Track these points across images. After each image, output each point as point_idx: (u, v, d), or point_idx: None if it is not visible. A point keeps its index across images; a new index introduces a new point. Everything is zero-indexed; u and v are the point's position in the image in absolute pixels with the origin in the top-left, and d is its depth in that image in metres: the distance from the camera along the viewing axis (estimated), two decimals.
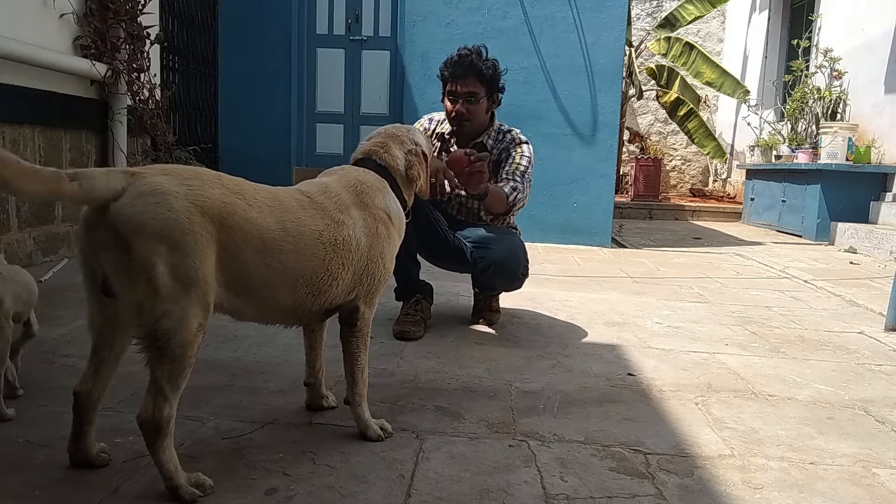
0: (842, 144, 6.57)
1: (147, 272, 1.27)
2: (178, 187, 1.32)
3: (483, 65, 2.68)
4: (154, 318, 1.29)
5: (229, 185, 1.43)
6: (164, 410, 1.33)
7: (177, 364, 1.32)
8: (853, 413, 2.05)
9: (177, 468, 1.37)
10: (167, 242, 1.28)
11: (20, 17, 3.54)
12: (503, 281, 2.80)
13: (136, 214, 1.27)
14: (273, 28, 5.87)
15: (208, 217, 1.34)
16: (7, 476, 1.44)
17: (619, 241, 6.10)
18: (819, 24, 7.87)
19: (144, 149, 4.63)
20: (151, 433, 1.33)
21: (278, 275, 1.47)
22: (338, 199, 1.63)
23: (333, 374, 2.13)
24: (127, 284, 1.29)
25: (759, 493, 1.52)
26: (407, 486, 1.47)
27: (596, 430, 1.82)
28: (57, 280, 3.42)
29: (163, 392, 1.33)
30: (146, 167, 1.38)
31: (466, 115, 2.71)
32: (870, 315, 3.41)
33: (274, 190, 1.55)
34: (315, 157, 6.15)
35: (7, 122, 3.47)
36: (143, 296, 1.28)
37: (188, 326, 1.32)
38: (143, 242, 1.26)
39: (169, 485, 1.36)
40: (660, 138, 10.71)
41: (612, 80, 5.70)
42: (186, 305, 1.31)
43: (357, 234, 1.63)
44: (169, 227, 1.28)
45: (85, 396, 1.44)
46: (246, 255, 1.41)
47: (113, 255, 1.28)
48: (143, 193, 1.29)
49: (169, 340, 1.30)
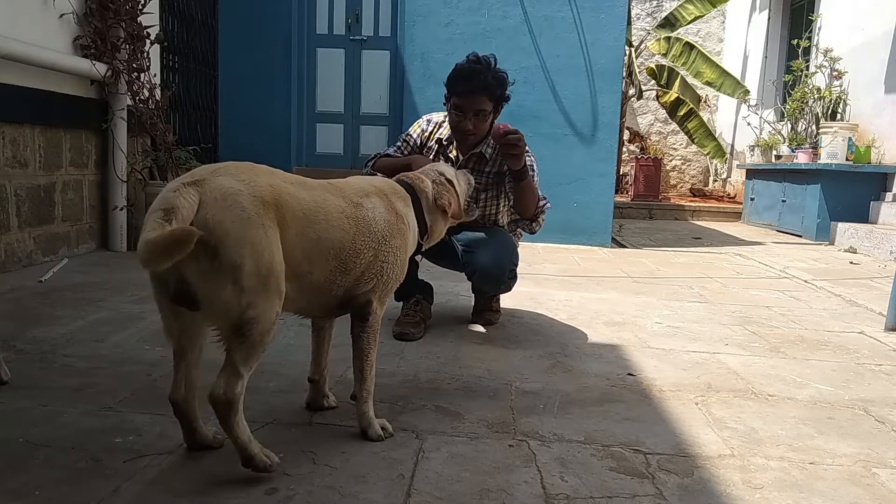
0: (842, 144, 6.57)
1: (234, 273, 1.34)
2: (239, 185, 1.40)
3: (493, 81, 2.60)
4: (240, 312, 1.37)
5: (265, 170, 1.51)
6: (236, 388, 1.40)
7: (254, 349, 1.41)
8: (853, 413, 2.05)
9: (250, 440, 1.45)
10: (249, 242, 1.36)
11: (20, 17, 3.54)
12: (490, 286, 2.80)
13: (219, 223, 1.33)
14: (273, 28, 5.87)
15: (268, 205, 1.42)
16: (7, 476, 1.44)
17: (619, 240, 6.11)
18: (819, 24, 7.87)
19: (144, 149, 4.63)
20: (224, 409, 1.40)
21: (315, 246, 1.54)
22: (358, 187, 1.73)
23: (333, 375, 2.13)
24: (216, 287, 1.35)
25: (759, 492, 1.52)
26: (407, 485, 1.47)
27: (596, 430, 1.82)
28: (57, 280, 3.42)
29: (237, 371, 1.40)
30: (197, 171, 1.43)
31: (473, 132, 2.67)
32: (870, 315, 3.41)
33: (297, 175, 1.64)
34: (315, 157, 6.15)
35: (7, 121, 3.47)
36: (230, 295, 1.35)
37: (269, 315, 1.41)
38: (230, 246, 1.34)
39: (244, 455, 1.44)
40: (660, 138, 10.71)
41: (612, 80, 5.70)
42: (266, 296, 1.39)
43: (376, 217, 1.70)
44: (247, 227, 1.36)
45: (183, 402, 1.51)
46: (294, 229, 1.48)
47: (202, 264, 1.33)
48: (217, 199, 1.35)
49: (252, 330, 1.39)
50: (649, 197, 9.34)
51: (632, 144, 10.29)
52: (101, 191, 4.33)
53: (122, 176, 4.32)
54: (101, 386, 1.97)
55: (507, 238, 2.83)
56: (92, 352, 2.28)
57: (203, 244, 1.31)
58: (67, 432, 1.65)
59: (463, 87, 2.60)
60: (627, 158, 9.99)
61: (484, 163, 2.75)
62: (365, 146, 6.12)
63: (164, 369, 2.15)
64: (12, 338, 2.38)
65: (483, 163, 2.75)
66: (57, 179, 3.92)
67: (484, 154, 2.75)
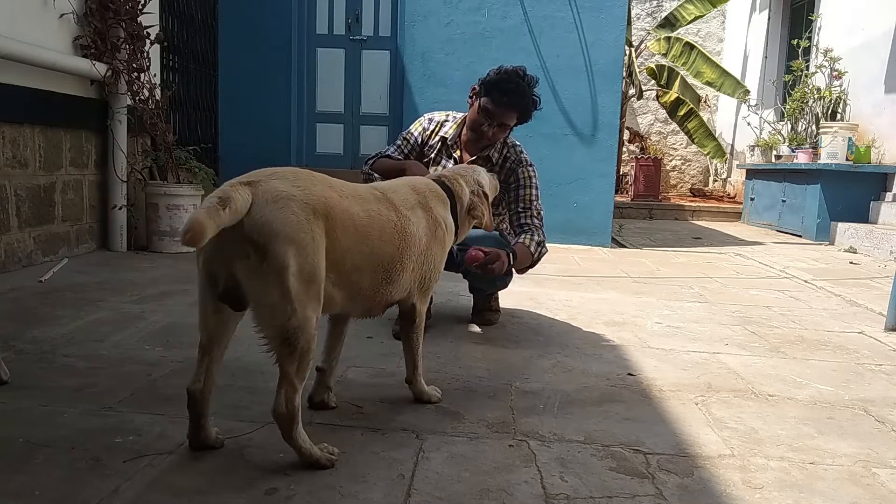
0: (842, 144, 6.57)
1: (280, 274, 1.38)
2: (294, 190, 1.43)
3: (530, 104, 2.65)
4: (286, 318, 1.41)
5: (322, 180, 1.55)
6: (295, 401, 1.45)
7: (304, 358, 1.45)
8: (853, 413, 2.05)
9: (311, 445, 1.51)
10: (295, 244, 1.39)
11: (20, 17, 3.54)
12: (485, 283, 2.80)
13: (268, 223, 1.37)
14: (273, 28, 5.87)
15: (318, 214, 1.45)
16: (7, 476, 1.44)
17: (619, 240, 6.11)
18: (819, 24, 7.87)
19: (144, 149, 4.63)
20: (287, 423, 1.46)
21: (366, 259, 1.61)
22: (405, 198, 1.81)
23: (334, 375, 2.13)
24: (263, 288, 1.39)
25: (759, 492, 1.52)
26: (407, 485, 1.47)
27: (596, 430, 1.82)
28: (57, 280, 3.42)
29: (293, 385, 1.45)
30: (255, 174, 1.46)
31: (490, 139, 2.69)
32: (870, 315, 3.41)
33: (351, 184, 1.68)
34: (315, 157, 6.15)
35: (7, 121, 3.47)
36: (276, 297, 1.39)
37: (311, 323, 1.45)
38: (278, 247, 1.37)
39: (309, 461, 1.50)
40: (660, 138, 10.71)
41: (612, 80, 5.70)
42: (309, 302, 1.43)
43: (420, 231, 1.79)
44: (295, 230, 1.39)
45: (199, 394, 1.54)
46: (344, 243, 1.53)
47: (251, 263, 1.37)
48: (269, 201, 1.39)
49: (298, 338, 1.43)
50: (649, 197, 9.34)
51: (632, 144, 10.29)
52: (101, 191, 4.33)
53: (122, 176, 4.32)
54: (101, 386, 1.97)
55: (502, 237, 2.84)
56: (92, 352, 2.28)
57: (253, 244, 1.36)
58: (67, 432, 1.65)
59: (503, 98, 2.61)
60: (627, 158, 9.99)
61: (490, 167, 2.75)
62: (365, 146, 6.12)
63: (164, 369, 2.15)
64: (12, 338, 2.38)
65: (489, 167, 2.75)
66: (57, 179, 3.92)
67: (490, 158, 2.76)
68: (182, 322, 2.72)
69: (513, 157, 2.78)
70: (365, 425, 1.78)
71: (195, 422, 1.56)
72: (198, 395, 1.53)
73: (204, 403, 1.55)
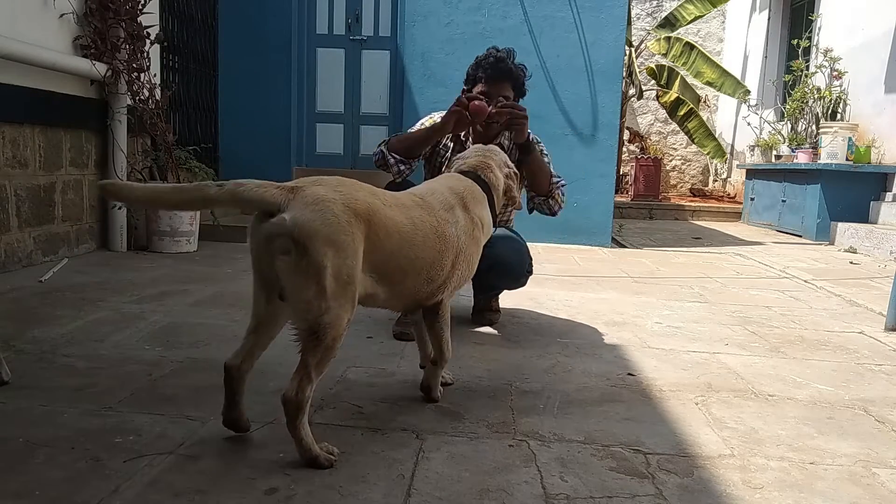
0: (842, 144, 6.57)
1: (318, 273, 1.43)
2: (334, 194, 1.49)
3: (516, 70, 2.70)
4: (319, 314, 1.46)
5: (367, 189, 1.61)
6: (306, 391, 1.48)
7: (327, 353, 1.50)
8: (853, 413, 2.05)
9: (313, 441, 1.52)
10: (334, 245, 1.45)
11: (20, 17, 3.54)
12: (507, 280, 2.80)
13: (308, 222, 1.43)
14: (273, 28, 5.87)
15: (360, 218, 1.51)
16: (7, 476, 1.44)
17: (619, 240, 6.11)
18: (819, 24, 7.87)
19: (144, 149, 4.63)
20: (294, 410, 1.48)
21: (410, 263, 1.69)
22: (444, 200, 1.86)
23: (333, 375, 2.13)
24: (301, 284, 1.45)
25: (759, 492, 1.52)
26: (407, 485, 1.47)
27: (596, 430, 1.82)
28: (57, 280, 3.42)
29: (309, 375, 1.48)
30: (301, 180, 1.52)
31: (501, 119, 2.68)
32: (870, 315, 3.41)
33: (393, 193, 1.77)
34: (315, 157, 6.15)
35: (7, 121, 3.47)
36: (312, 294, 1.44)
37: (342, 321, 1.50)
38: (317, 246, 1.43)
39: (308, 456, 1.51)
40: (660, 138, 10.71)
41: (612, 80, 5.70)
42: (343, 302, 1.49)
43: (459, 231, 1.84)
44: (335, 231, 1.45)
45: (236, 370, 1.59)
46: (387, 248, 1.60)
47: (291, 260, 1.43)
48: (309, 203, 1.45)
49: (327, 333, 1.47)
50: (649, 197, 9.34)
51: (632, 144, 10.29)
52: None
53: (122, 176, 4.32)
54: (101, 386, 1.97)
55: (520, 236, 2.87)
56: (92, 352, 2.28)
57: (294, 240, 1.41)
58: (67, 432, 1.65)
59: (489, 73, 2.69)
60: (627, 158, 9.99)
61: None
62: (365, 146, 6.12)
63: (164, 369, 2.15)
64: (12, 338, 2.37)
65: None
66: (57, 179, 3.92)
67: (502, 145, 2.78)
68: (182, 322, 2.71)
69: None
70: (365, 425, 1.78)
71: (230, 398, 1.61)
72: (234, 372, 1.59)
73: (240, 381, 1.60)
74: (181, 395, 1.93)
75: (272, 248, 1.45)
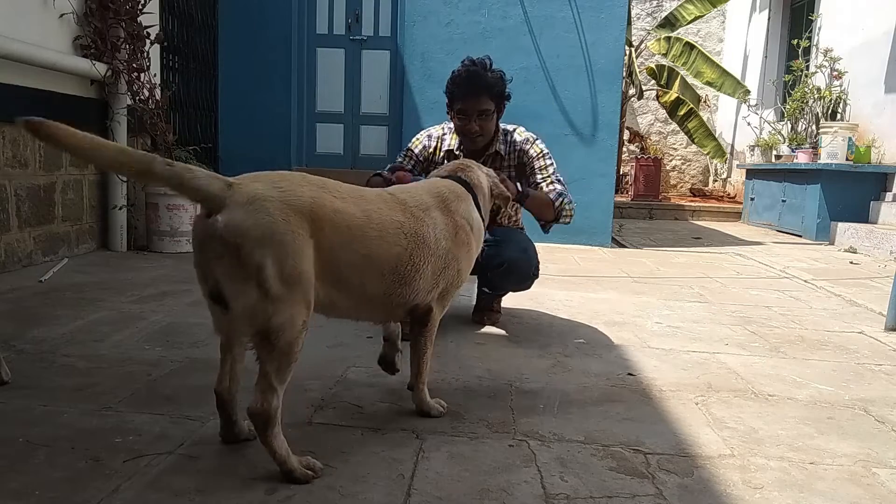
0: (842, 144, 6.56)
1: (257, 276, 1.36)
2: (272, 191, 1.40)
3: (492, 80, 2.63)
4: (267, 318, 1.39)
5: (315, 182, 1.51)
6: (272, 402, 1.41)
7: (284, 359, 1.42)
8: (853, 413, 2.05)
9: (288, 454, 1.45)
10: (270, 246, 1.36)
11: (20, 17, 3.54)
12: (514, 280, 2.80)
13: (240, 223, 1.35)
14: (273, 28, 5.87)
15: (301, 215, 1.41)
16: (7, 476, 1.44)
17: (619, 240, 6.11)
18: (819, 23, 7.87)
19: (144, 148, 4.62)
20: (262, 423, 1.42)
21: (365, 261, 1.57)
22: (419, 200, 1.76)
23: (333, 375, 2.13)
24: (239, 289, 1.37)
25: (759, 492, 1.52)
26: (407, 485, 1.47)
27: (596, 430, 1.82)
28: (57, 280, 3.42)
29: (271, 385, 1.42)
30: (242, 177, 1.45)
31: (481, 132, 2.69)
32: (870, 315, 3.41)
33: (357, 187, 1.67)
34: (315, 157, 6.15)
35: (7, 121, 3.47)
36: (254, 299, 1.37)
37: (294, 324, 1.42)
38: (251, 248, 1.35)
39: (284, 469, 1.45)
40: (660, 138, 10.71)
41: (612, 80, 5.70)
42: (292, 303, 1.40)
43: (437, 233, 1.74)
44: (270, 232, 1.36)
45: (226, 393, 1.56)
46: (335, 244, 1.49)
47: (225, 264, 1.37)
48: (242, 203, 1.37)
49: (279, 337, 1.40)
50: (649, 197, 9.34)
51: (632, 144, 10.28)
52: (100, 190, 4.33)
53: (122, 176, 4.32)
54: (101, 386, 1.97)
55: (525, 235, 2.90)
56: (92, 352, 2.28)
57: (226, 244, 1.34)
58: (67, 432, 1.65)
59: (463, 90, 2.63)
60: (627, 158, 9.99)
61: (501, 160, 2.79)
62: (365, 146, 6.12)
63: (164, 369, 2.15)
64: (12, 338, 2.38)
65: (500, 160, 2.79)
66: (57, 179, 3.92)
67: (499, 152, 2.78)
68: (182, 322, 2.71)
69: (517, 140, 2.81)
70: (365, 425, 1.78)
71: (226, 419, 1.59)
72: (225, 395, 1.57)
73: (232, 402, 1.58)
74: (181, 395, 1.93)
75: (207, 252, 1.39)
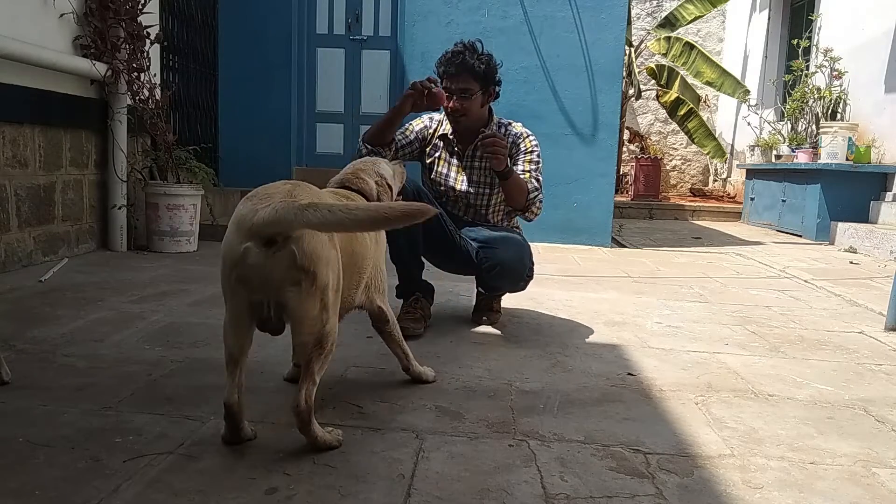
0: (842, 144, 6.56)
1: (323, 292, 1.53)
2: None
3: (476, 61, 2.68)
4: (322, 325, 1.55)
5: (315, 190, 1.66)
6: (313, 396, 1.56)
7: (328, 358, 1.60)
8: (853, 413, 2.05)
9: (324, 433, 1.61)
10: (331, 262, 1.55)
11: (20, 17, 3.54)
12: (508, 282, 2.80)
13: (315, 250, 1.49)
14: (273, 28, 5.87)
15: None
16: (7, 476, 1.44)
17: (619, 240, 6.11)
18: (819, 23, 7.87)
19: (144, 148, 4.63)
20: (307, 416, 1.55)
21: (349, 259, 1.75)
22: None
23: (333, 375, 2.13)
24: (311, 308, 1.52)
25: (759, 492, 1.52)
26: (407, 485, 1.47)
27: (596, 430, 1.82)
28: (57, 280, 3.42)
29: (315, 380, 1.57)
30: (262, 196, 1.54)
31: (461, 111, 2.73)
32: (870, 315, 3.41)
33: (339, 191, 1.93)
34: (315, 157, 6.15)
35: (7, 121, 3.47)
36: (318, 310, 1.53)
37: (337, 326, 1.61)
38: (323, 269, 1.51)
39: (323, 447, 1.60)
40: (660, 138, 10.71)
41: (612, 80, 5.70)
42: (336, 309, 1.61)
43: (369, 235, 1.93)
44: (329, 249, 1.54)
45: (236, 405, 1.60)
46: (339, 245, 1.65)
47: (303, 289, 1.49)
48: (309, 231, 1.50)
49: (328, 340, 1.57)
50: (649, 197, 9.34)
51: (632, 144, 10.29)
52: (101, 191, 4.33)
53: (122, 176, 4.32)
54: (101, 386, 1.97)
55: (520, 236, 2.89)
56: (92, 352, 2.28)
57: (305, 271, 1.47)
58: (67, 432, 1.65)
59: (444, 68, 2.72)
60: (627, 158, 9.99)
61: None
62: None
63: (164, 369, 2.15)
64: (12, 338, 2.38)
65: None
66: (57, 179, 3.92)
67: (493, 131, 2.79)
68: (182, 322, 2.72)
69: (512, 133, 2.83)
70: (365, 425, 1.78)
71: (233, 428, 1.62)
72: (235, 407, 1.60)
73: (241, 411, 1.62)
74: (181, 395, 1.93)
75: (279, 281, 1.47)
